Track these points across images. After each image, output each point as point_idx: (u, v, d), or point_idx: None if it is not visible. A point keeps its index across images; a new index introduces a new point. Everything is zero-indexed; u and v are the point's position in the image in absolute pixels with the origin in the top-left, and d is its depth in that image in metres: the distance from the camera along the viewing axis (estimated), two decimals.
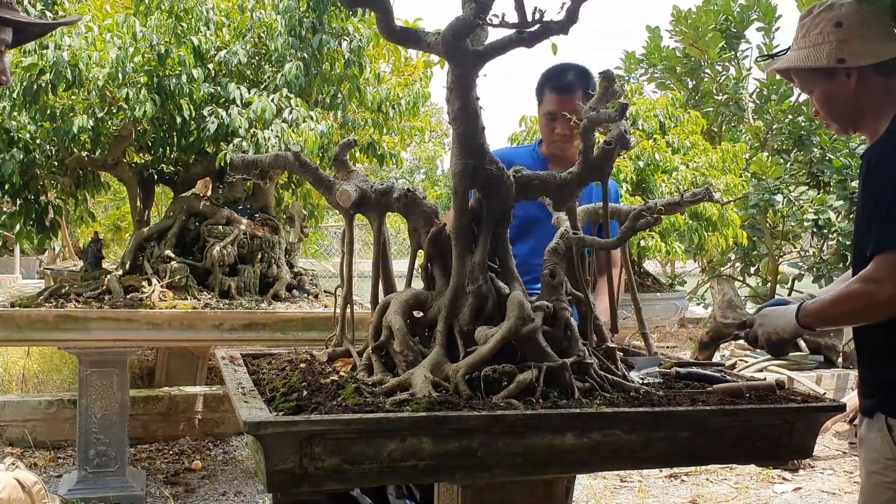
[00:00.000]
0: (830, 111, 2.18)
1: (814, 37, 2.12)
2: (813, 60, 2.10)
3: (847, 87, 2.11)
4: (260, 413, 1.69)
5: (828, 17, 2.11)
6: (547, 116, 3.04)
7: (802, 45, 2.14)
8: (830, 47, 2.08)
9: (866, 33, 2.07)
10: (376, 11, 1.95)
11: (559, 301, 2.17)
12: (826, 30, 2.09)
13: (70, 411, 5.54)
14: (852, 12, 2.09)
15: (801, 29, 2.17)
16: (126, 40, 4.42)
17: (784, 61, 2.19)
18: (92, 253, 5.01)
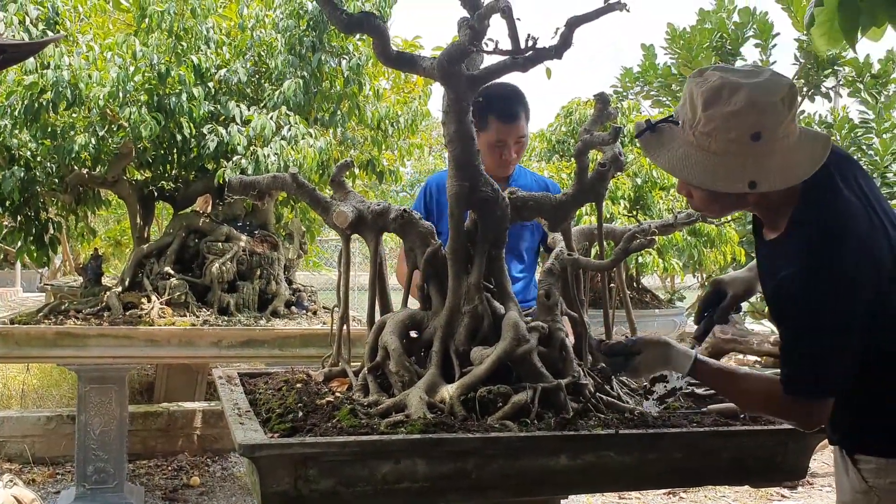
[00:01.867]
0: (712, 209, 1.87)
1: (723, 143, 1.68)
2: (721, 180, 1.69)
3: (742, 199, 1.78)
4: (255, 435, 1.70)
5: (745, 124, 1.67)
6: (496, 144, 2.97)
7: (706, 147, 1.70)
8: (743, 164, 1.67)
9: (782, 146, 1.69)
10: (373, 37, 1.98)
11: (554, 322, 2.19)
12: (742, 140, 1.67)
13: (69, 427, 5.54)
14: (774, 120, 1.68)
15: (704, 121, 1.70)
16: (127, 59, 4.45)
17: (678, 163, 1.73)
18: (92, 269, 5.02)
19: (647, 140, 1.81)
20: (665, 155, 1.76)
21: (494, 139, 2.98)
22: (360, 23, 1.97)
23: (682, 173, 1.75)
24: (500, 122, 2.93)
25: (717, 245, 7.02)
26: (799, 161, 1.71)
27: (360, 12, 1.96)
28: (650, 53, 9.76)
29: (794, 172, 1.70)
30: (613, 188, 6.47)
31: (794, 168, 1.70)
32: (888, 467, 1.76)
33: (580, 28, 1.90)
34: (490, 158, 3.02)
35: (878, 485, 1.77)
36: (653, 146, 1.79)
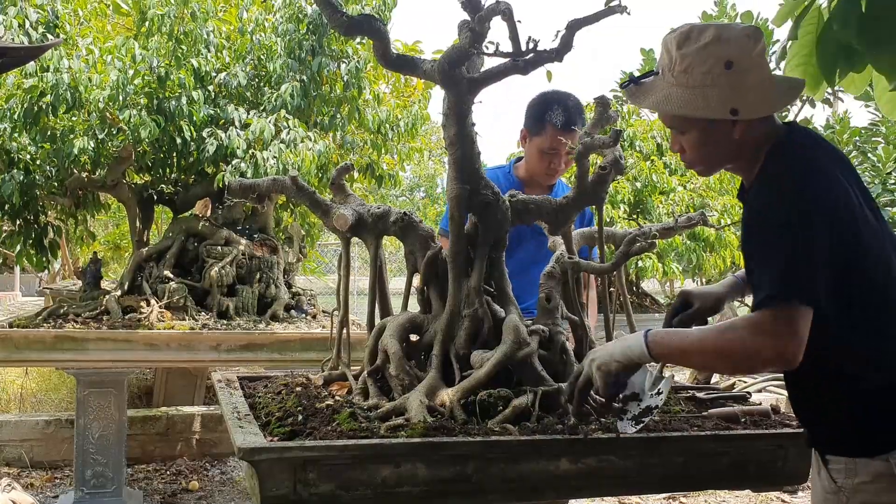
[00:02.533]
0: (704, 156, 1.91)
1: (699, 76, 1.79)
2: (702, 108, 1.79)
3: (729, 135, 1.82)
4: (254, 439, 1.70)
5: (716, 54, 1.78)
6: (547, 150, 2.97)
7: (684, 83, 1.81)
8: (721, 93, 1.77)
9: (756, 78, 1.80)
10: (373, 40, 1.98)
11: (555, 325, 2.19)
12: (715, 70, 1.78)
13: (67, 431, 5.53)
14: (742, 52, 1.79)
15: (679, 60, 1.82)
16: (126, 63, 4.45)
17: (662, 100, 1.85)
18: (91, 273, 5.01)
19: (631, 91, 1.93)
20: (649, 99, 1.88)
21: (547, 146, 2.97)
22: (360, 25, 1.96)
23: (665, 107, 1.85)
24: (556, 130, 2.91)
25: (717, 249, 7.01)
26: (776, 92, 1.83)
27: (361, 15, 1.96)
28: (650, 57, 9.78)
29: (771, 101, 1.81)
30: (613, 192, 6.47)
31: (772, 97, 1.82)
32: (856, 466, 1.74)
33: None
34: (539, 164, 3.02)
35: (846, 485, 1.74)
36: (637, 95, 1.92)
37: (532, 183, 3.06)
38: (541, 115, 2.99)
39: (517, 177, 3.09)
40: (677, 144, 1.93)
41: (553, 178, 3.04)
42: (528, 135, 3.06)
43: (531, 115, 3.05)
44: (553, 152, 2.95)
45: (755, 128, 1.82)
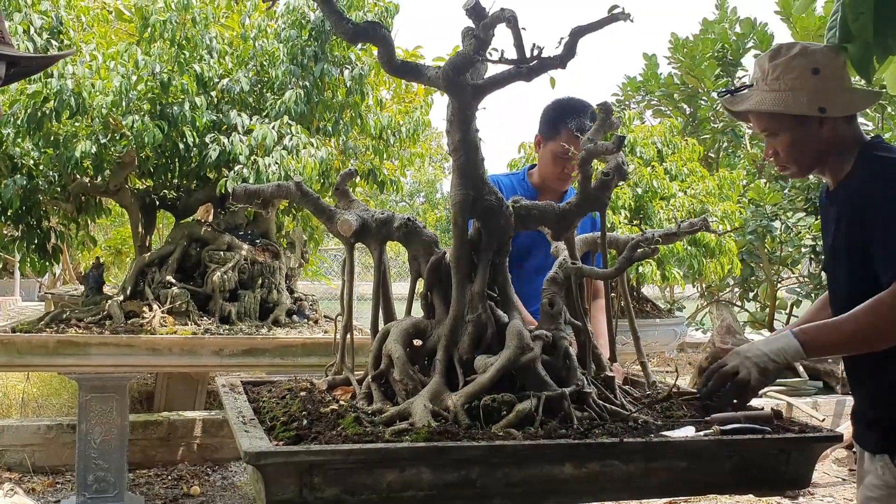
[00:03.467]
0: (796, 156, 2.14)
1: (789, 81, 2.07)
2: (793, 106, 2.05)
3: (818, 135, 2.09)
4: (260, 443, 1.70)
5: (803, 63, 2.07)
6: (561, 154, 2.99)
7: (776, 88, 2.09)
8: (810, 94, 2.04)
9: (840, 84, 2.08)
10: (378, 46, 1.99)
11: (558, 330, 2.20)
12: (804, 75, 2.06)
13: (69, 436, 5.53)
14: (829, 61, 2.08)
15: (771, 70, 2.10)
16: (129, 68, 4.47)
17: (757, 103, 2.12)
18: (93, 278, 5.03)
19: (728, 100, 2.21)
20: (744, 104, 2.15)
21: (561, 150, 2.98)
22: (365, 33, 1.98)
23: (761, 107, 2.10)
24: (571, 135, 2.92)
25: (717, 255, 7.02)
26: (857, 96, 2.11)
27: (366, 22, 1.97)
28: (652, 63, 9.80)
29: (856, 102, 2.09)
30: (614, 198, 6.48)
31: (855, 100, 2.09)
32: None
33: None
34: (552, 169, 3.04)
35: None
36: (734, 102, 2.19)
37: (545, 189, 3.08)
38: (556, 120, 3.02)
39: (531, 183, 3.12)
40: (771, 149, 2.16)
41: (566, 183, 3.05)
42: (542, 140, 3.09)
43: (546, 120, 3.08)
44: (566, 156, 2.97)
45: (842, 129, 2.07)
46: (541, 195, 3.03)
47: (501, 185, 3.00)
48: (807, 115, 2.04)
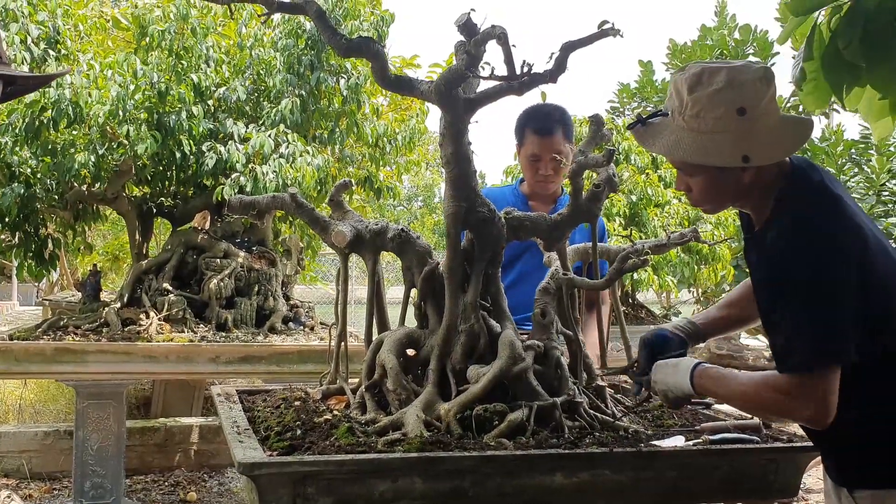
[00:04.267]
0: (710, 198, 1.89)
1: (711, 122, 1.75)
2: (714, 156, 1.75)
3: (739, 181, 1.80)
4: (254, 453, 1.73)
5: (728, 100, 1.74)
6: (530, 158, 3.04)
7: (695, 128, 1.77)
8: (733, 139, 1.73)
9: (767, 123, 1.76)
10: (371, 61, 2.02)
11: (550, 340, 2.22)
12: (727, 116, 1.74)
13: (66, 442, 5.54)
14: (756, 96, 1.75)
15: (691, 104, 1.77)
16: (127, 78, 4.50)
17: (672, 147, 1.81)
18: (90, 285, 5.05)
19: (639, 133, 1.89)
20: (658, 142, 1.85)
21: (530, 152, 3.03)
22: (358, 47, 2.00)
23: (676, 154, 1.82)
24: (535, 136, 2.98)
25: (710, 262, 7.05)
26: (786, 136, 1.79)
27: (359, 37, 2.00)
28: (648, 70, 9.84)
29: (782, 146, 1.78)
30: (609, 205, 6.51)
31: (783, 142, 1.78)
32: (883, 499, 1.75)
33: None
34: (529, 174, 3.08)
35: None
36: (646, 137, 1.88)
37: (535, 196, 3.10)
38: (521, 127, 3.07)
39: (522, 193, 3.14)
40: (683, 184, 1.91)
41: (546, 186, 3.05)
42: (518, 147, 3.14)
43: (515, 128, 3.14)
44: (536, 159, 3.00)
45: (765, 171, 1.79)
46: (532, 202, 3.06)
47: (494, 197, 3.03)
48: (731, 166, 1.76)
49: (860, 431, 1.76)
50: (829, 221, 1.73)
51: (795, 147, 1.81)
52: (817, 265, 1.68)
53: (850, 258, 1.69)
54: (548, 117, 3.00)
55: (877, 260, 1.73)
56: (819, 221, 1.73)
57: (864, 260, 1.71)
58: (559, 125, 2.98)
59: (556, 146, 2.94)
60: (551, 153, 2.94)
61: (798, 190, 1.78)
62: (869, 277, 1.70)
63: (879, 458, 1.77)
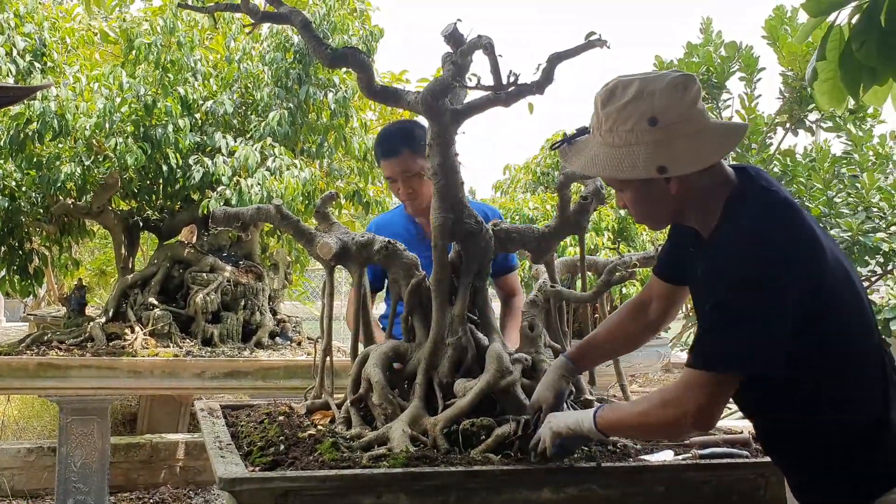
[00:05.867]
0: (645, 213, 1.84)
1: (623, 134, 1.70)
2: (627, 169, 1.70)
3: (665, 192, 1.74)
4: (235, 469, 1.70)
5: (638, 110, 1.69)
6: (388, 181, 3.01)
7: (610, 143, 1.73)
8: (647, 151, 1.68)
9: (685, 131, 1.70)
10: (357, 71, 2.01)
11: (538, 353, 2.20)
12: (639, 127, 1.69)
13: (49, 459, 5.46)
14: (667, 105, 1.69)
15: (604, 119, 1.73)
16: (113, 90, 4.48)
17: (588, 163, 1.78)
18: (75, 300, 5.00)
19: (564, 151, 1.85)
20: (578, 160, 1.81)
21: (385, 176, 2.99)
22: (344, 58, 1.99)
23: (592, 170, 1.80)
24: (384, 160, 2.91)
25: None
26: (708, 145, 1.72)
27: (345, 47, 1.99)
28: None
29: (703, 155, 1.71)
30: (597, 219, 6.51)
31: (704, 151, 1.71)
32: None
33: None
34: (393, 192, 3.03)
35: None
36: (570, 155, 1.84)
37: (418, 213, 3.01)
38: (375, 153, 3.03)
39: (408, 213, 3.06)
40: (621, 202, 1.86)
41: (413, 203, 2.95)
42: None
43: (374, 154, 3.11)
44: (392, 181, 2.94)
45: (695, 180, 1.72)
46: (418, 219, 2.99)
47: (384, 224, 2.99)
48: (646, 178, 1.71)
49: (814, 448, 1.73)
50: (780, 228, 1.69)
51: (718, 155, 1.75)
52: (756, 271, 1.63)
53: (793, 268, 1.65)
54: (391, 138, 2.93)
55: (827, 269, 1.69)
56: (769, 227, 1.68)
57: (815, 269, 1.67)
58: (404, 144, 2.88)
59: (403, 166, 2.86)
60: (401, 174, 2.88)
61: (746, 195, 1.74)
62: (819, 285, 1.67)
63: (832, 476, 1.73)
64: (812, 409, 1.70)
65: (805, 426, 1.71)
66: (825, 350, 1.69)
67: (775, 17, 7.32)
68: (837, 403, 1.70)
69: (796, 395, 1.69)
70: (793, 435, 1.74)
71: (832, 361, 1.69)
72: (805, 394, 1.69)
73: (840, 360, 1.70)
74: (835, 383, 1.70)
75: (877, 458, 1.69)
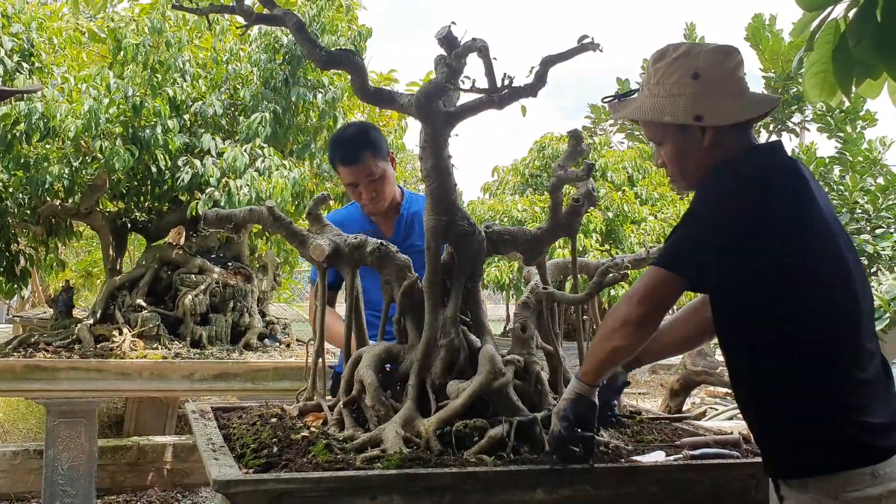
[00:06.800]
0: (680, 166, 1.97)
1: (669, 86, 1.90)
2: (669, 113, 1.89)
3: (700, 144, 1.91)
4: (229, 470, 1.69)
5: (684, 66, 1.90)
6: (349, 188, 2.98)
7: (656, 94, 1.93)
8: (687, 101, 1.87)
9: (724, 89, 1.90)
10: (351, 73, 2.01)
11: (530, 355, 2.21)
12: (683, 80, 1.89)
13: (36, 462, 5.42)
14: (710, 65, 1.90)
15: (654, 73, 1.94)
16: (101, 91, 4.45)
17: (634, 110, 1.98)
18: (63, 301, 4.97)
19: (614, 105, 2.05)
20: (625, 110, 2.02)
21: (346, 182, 2.96)
22: (338, 60, 1.99)
23: (636, 114, 1.98)
24: (343, 167, 2.89)
25: None
26: (743, 104, 1.92)
27: (339, 49, 1.99)
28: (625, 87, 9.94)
29: (737, 111, 1.90)
30: (586, 222, 6.54)
31: (738, 108, 1.90)
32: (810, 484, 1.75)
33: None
34: (355, 199, 3.00)
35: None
36: (618, 108, 2.04)
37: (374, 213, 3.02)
38: (331, 158, 3.00)
39: (366, 211, 3.04)
40: (660, 159, 2.01)
41: (375, 206, 2.95)
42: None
43: (329, 158, 3.08)
44: (353, 186, 2.92)
45: (727, 139, 1.89)
46: (375, 218, 2.99)
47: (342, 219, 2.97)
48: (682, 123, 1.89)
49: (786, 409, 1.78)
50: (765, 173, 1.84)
51: (750, 114, 1.92)
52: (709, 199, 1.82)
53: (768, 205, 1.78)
54: (351, 145, 2.90)
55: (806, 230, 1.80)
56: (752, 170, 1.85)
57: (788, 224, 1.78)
58: (365, 148, 2.86)
59: (366, 171, 2.85)
60: (364, 179, 2.86)
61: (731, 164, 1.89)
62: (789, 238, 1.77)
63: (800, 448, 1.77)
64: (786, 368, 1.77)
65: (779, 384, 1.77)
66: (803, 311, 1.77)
67: (756, 22, 7.38)
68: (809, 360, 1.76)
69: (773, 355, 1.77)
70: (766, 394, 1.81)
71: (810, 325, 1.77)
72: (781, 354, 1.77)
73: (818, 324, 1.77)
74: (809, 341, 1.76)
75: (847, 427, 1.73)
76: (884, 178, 6.73)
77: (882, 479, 1.72)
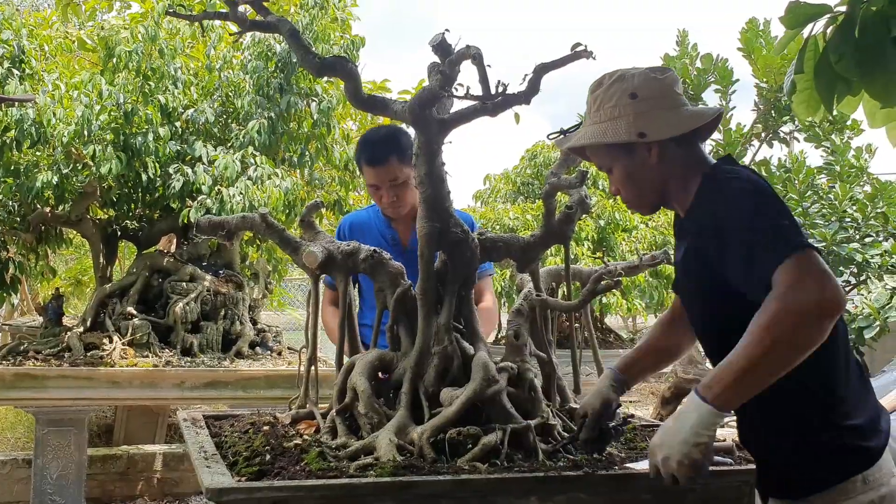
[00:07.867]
0: (632, 189, 1.98)
1: (608, 110, 1.93)
2: (611, 135, 1.90)
3: (648, 162, 1.92)
4: (222, 479, 1.68)
5: (621, 89, 1.92)
6: (371, 189, 2.97)
7: (597, 120, 1.94)
8: (628, 121, 1.89)
9: (663, 105, 1.92)
10: (344, 80, 2.01)
11: (523, 362, 2.20)
12: (621, 102, 1.91)
13: (24, 471, 5.39)
14: (646, 84, 1.92)
15: (593, 102, 1.96)
16: (92, 98, 4.44)
17: (579, 138, 1.98)
18: (52, 309, 4.95)
19: (559, 140, 2.06)
20: (569, 142, 2.02)
21: (368, 183, 2.96)
22: (333, 67, 1.99)
23: (579, 141, 1.98)
24: (368, 167, 2.89)
25: None
26: (684, 116, 1.92)
27: (333, 56, 1.99)
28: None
29: (680, 122, 1.91)
30: (577, 230, 6.55)
31: (681, 121, 1.91)
32: None
33: None
34: (376, 201, 3.00)
35: None
36: (563, 142, 2.05)
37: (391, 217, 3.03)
38: (357, 157, 2.99)
39: (384, 215, 3.05)
40: (613, 186, 2.02)
41: (395, 211, 2.96)
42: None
43: (355, 158, 3.08)
44: (375, 189, 2.92)
45: (674, 153, 1.91)
46: (394, 223, 3.01)
47: (359, 222, 2.97)
48: (627, 141, 1.89)
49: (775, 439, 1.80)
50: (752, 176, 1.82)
51: (694, 123, 1.92)
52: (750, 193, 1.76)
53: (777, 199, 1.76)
54: (378, 146, 2.90)
55: None
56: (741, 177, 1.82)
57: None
58: (392, 152, 2.86)
59: (390, 174, 2.85)
60: (387, 182, 2.86)
61: (721, 173, 1.88)
62: None
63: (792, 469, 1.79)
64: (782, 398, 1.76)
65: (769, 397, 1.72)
66: None
67: (749, 29, 7.40)
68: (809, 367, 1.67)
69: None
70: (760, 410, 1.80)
71: None
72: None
73: None
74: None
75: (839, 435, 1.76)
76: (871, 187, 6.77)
77: (872, 484, 1.74)
